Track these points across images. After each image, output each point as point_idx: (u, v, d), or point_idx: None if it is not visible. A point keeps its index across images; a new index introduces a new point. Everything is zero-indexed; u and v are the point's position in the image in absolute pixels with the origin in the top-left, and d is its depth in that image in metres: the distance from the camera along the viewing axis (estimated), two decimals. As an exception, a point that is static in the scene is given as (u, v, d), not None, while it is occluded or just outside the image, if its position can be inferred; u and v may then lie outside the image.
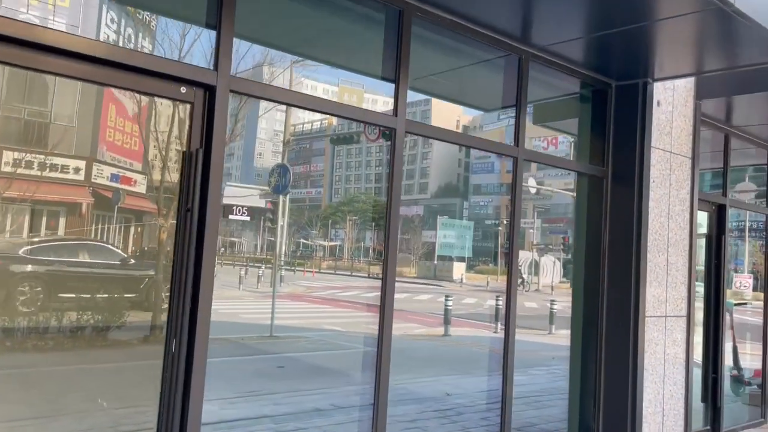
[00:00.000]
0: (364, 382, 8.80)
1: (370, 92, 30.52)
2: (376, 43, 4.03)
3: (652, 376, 5.28)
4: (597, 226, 5.37)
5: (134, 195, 24.39)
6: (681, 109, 5.69)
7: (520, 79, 4.69)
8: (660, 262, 5.40)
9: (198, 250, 3.04)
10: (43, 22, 3.60)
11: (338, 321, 15.41)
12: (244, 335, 13.11)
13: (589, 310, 5.37)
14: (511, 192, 4.71)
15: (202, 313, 3.04)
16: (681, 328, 5.60)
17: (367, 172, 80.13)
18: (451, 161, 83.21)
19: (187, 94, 3.05)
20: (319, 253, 51.78)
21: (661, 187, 5.44)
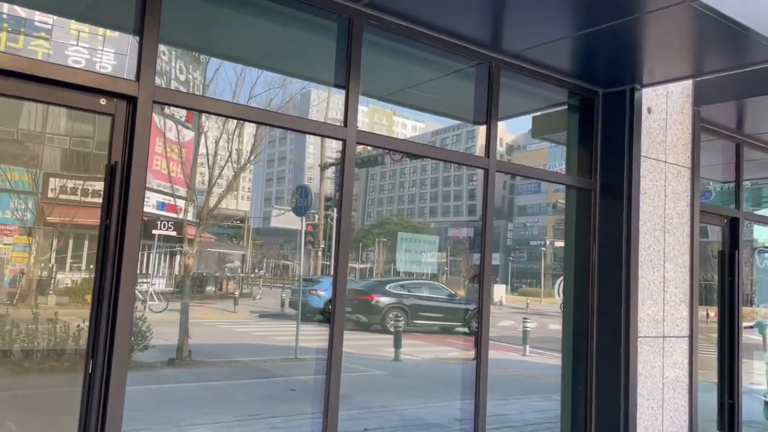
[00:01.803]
0: (361, 406, 8.60)
1: (399, 116, 30.54)
2: (329, 51, 3.93)
3: (649, 402, 4.91)
4: (586, 242, 5.09)
5: (174, 220, 25.02)
6: (676, 117, 5.37)
7: (491, 89, 4.50)
8: (655, 278, 5.06)
9: (117, 266, 2.95)
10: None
11: (353, 344, 15.20)
12: (268, 357, 13.09)
13: (578, 330, 5.06)
14: (483, 205, 4.49)
15: (121, 331, 2.93)
16: (682, 350, 5.22)
17: (400, 193, 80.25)
18: (497, 183, 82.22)
19: (107, 106, 2.99)
20: (351, 275, 51.87)
21: (655, 198, 5.12)
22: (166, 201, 24.88)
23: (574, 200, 5.25)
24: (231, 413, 7.59)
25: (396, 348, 13.89)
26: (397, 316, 15.78)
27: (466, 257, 49.95)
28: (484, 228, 4.48)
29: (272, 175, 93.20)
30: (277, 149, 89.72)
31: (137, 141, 3.00)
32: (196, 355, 11.74)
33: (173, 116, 21.63)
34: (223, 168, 11.18)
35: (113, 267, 2.93)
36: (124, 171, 2.99)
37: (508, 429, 7.53)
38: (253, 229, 54.21)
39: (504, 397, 10.11)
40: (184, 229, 11.19)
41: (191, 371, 10.68)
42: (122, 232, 2.96)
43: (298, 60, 3.94)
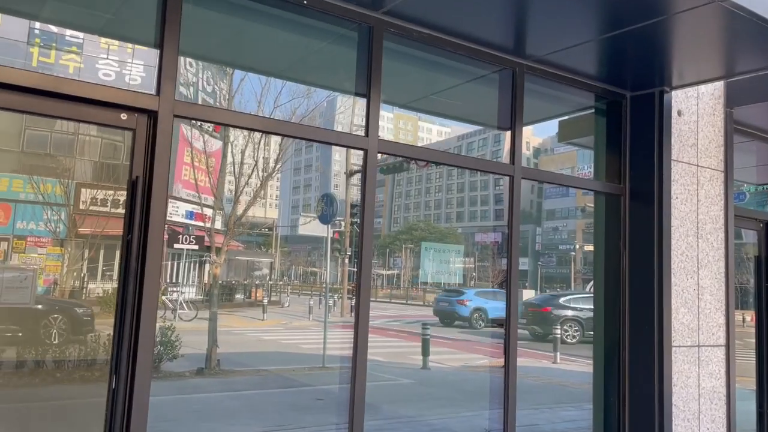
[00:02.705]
0: (389, 416, 8.52)
1: (425, 121, 30.48)
2: (350, 61, 3.90)
3: (684, 413, 4.75)
4: (616, 248, 4.96)
5: (202, 230, 25.25)
6: (708, 119, 5.22)
7: (515, 94, 4.42)
8: (689, 286, 4.91)
9: (139, 281, 2.95)
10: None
11: (382, 351, 15.15)
12: (296, 366, 13.10)
13: (610, 339, 4.93)
14: (508, 212, 4.41)
15: (143, 347, 2.93)
16: (719, 359, 5.04)
17: (426, 199, 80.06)
18: (524, 188, 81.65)
19: (128, 121, 3.00)
20: (378, 281, 51.92)
21: (687, 203, 4.98)
22: (195, 210, 25.11)
23: (603, 206, 5.13)
24: (259, 423, 7.59)
25: (424, 356, 13.79)
26: (573, 327, 18.41)
27: (493, 262, 49.59)
28: (510, 235, 4.40)
29: (299, 183, 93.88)
30: (304, 157, 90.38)
31: (158, 155, 3.01)
32: (225, 364, 11.80)
33: (201, 126, 21.89)
34: (249, 177, 11.24)
35: (135, 281, 2.93)
36: (146, 185, 2.99)
37: (540, 439, 7.40)
38: (281, 236, 54.61)
39: (535, 406, 9.94)
40: (211, 237, 11.26)
41: (220, 381, 10.74)
42: (144, 246, 2.95)
43: (319, 70, 3.92)
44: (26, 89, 2.75)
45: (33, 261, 13.20)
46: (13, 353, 9.14)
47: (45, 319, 10.52)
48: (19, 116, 13.42)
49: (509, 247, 4.40)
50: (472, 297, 22.78)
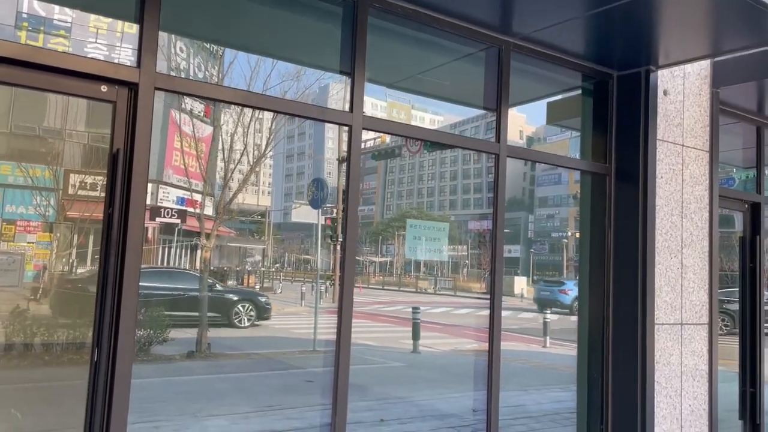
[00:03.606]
0: (379, 398, 8.58)
1: (418, 109, 30.42)
2: (334, 37, 3.88)
3: (666, 390, 4.81)
4: (601, 228, 4.98)
5: (194, 216, 25.15)
6: (694, 99, 5.23)
7: (501, 73, 4.42)
8: (673, 265, 4.95)
9: (121, 254, 2.94)
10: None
11: (373, 336, 15.23)
12: (287, 350, 13.16)
13: (594, 318, 4.97)
14: (494, 192, 4.42)
15: (125, 320, 2.93)
16: (701, 337, 5.10)
17: (419, 186, 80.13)
18: (516, 175, 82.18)
19: (108, 93, 2.98)
20: (370, 268, 52.07)
21: (672, 183, 5.00)
22: (186, 196, 25.02)
23: (589, 186, 5.15)
24: (248, 405, 7.63)
25: (414, 340, 13.86)
26: (723, 320, 18.21)
27: (486, 250, 49.80)
28: (495, 216, 4.41)
29: (292, 170, 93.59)
30: (296, 144, 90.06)
31: (139, 128, 2.99)
32: (216, 348, 11.82)
33: (191, 111, 21.80)
34: (238, 162, 11.20)
35: (117, 256, 2.92)
36: (127, 159, 2.98)
37: (525, 419, 7.47)
38: (273, 223, 54.56)
39: (523, 387, 10.03)
40: (201, 222, 11.23)
41: (210, 363, 10.76)
42: (125, 221, 2.95)
43: (304, 47, 3.89)
44: (3, 59, 2.72)
45: (22, 248, 13.14)
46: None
47: (236, 306, 13.46)
48: (7, 100, 13.29)
49: (494, 228, 4.42)
50: (572, 287, 24.66)
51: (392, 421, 7.09)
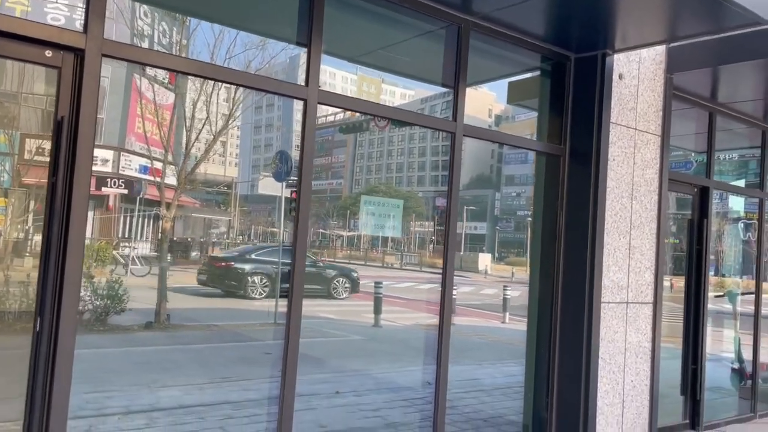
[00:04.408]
0: (336, 370, 8.68)
1: (388, 83, 30.21)
2: (291, 8, 3.83)
3: (610, 366, 4.98)
4: (553, 207, 5.09)
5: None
6: (648, 83, 5.33)
7: (460, 51, 4.43)
8: (621, 245, 5.09)
9: (65, 223, 2.90)
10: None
11: (334, 309, 15.34)
12: (248, 322, 13.16)
13: (544, 296, 5.10)
14: (449, 170, 4.47)
15: (69, 290, 2.90)
16: (646, 316, 5.28)
17: (388, 161, 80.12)
18: (485, 153, 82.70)
19: (53, 59, 2.91)
20: (337, 242, 52.17)
21: (624, 165, 5.12)
22: (148, 164, 24.57)
23: (544, 166, 5.24)
24: (204, 376, 7.64)
25: (376, 314, 13.99)
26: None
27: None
28: (449, 193, 4.46)
29: (260, 142, 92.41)
30: (265, 116, 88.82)
31: (85, 95, 2.93)
32: (175, 319, 11.75)
33: (155, 78, 21.32)
34: (200, 131, 11.03)
35: (60, 224, 2.89)
36: (72, 126, 2.92)
37: (477, 392, 7.65)
38: (240, 195, 53.99)
39: (479, 362, 10.26)
40: (161, 191, 11.07)
41: (168, 334, 10.70)
42: (70, 188, 2.90)
43: (261, 16, 3.84)
44: (-59, 20, 2.63)
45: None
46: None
47: (334, 280, 16.33)
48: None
49: (448, 205, 4.47)
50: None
51: (347, 393, 7.19)
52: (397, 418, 6.09)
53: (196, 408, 6.15)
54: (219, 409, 6.12)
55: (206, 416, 5.82)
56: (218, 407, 6.19)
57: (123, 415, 5.75)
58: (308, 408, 6.32)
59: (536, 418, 5.05)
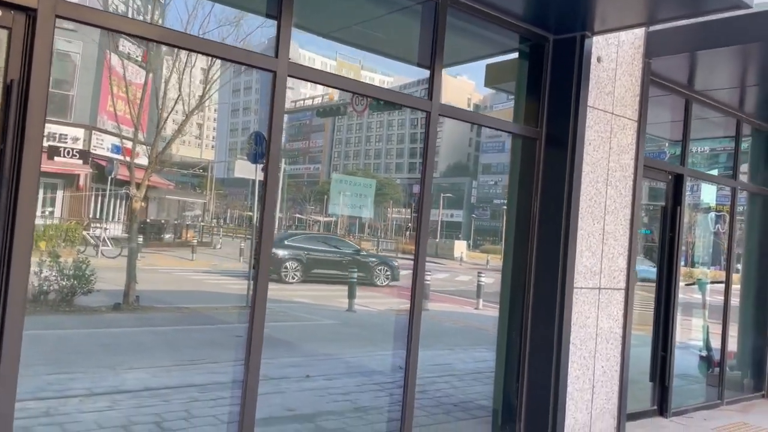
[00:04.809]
0: (307, 354, 8.59)
1: (368, 69, 29.98)
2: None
3: (581, 352, 4.95)
4: (528, 191, 5.02)
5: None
6: (626, 68, 5.28)
7: (436, 28, 4.31)
8: (595, 231, 5.05)
9: (14, 194, 2.74)
10: None
11: (309, 294, 15.24)
12: (220, 305, 12.98)
13: (516, 280, 5.04)
14: (423, 151, 4.36)
15: (17, 267, 2.74)
16: (618, 302, 5.26)
17: (366, 147, 79.85)
18: (462, 140, 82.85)
19: (2, 18, 2.73)
20: (315, 227, 52.03)
21: (599, 150, 5.06)
22: (121, 144, 24.07)
23: (520, 150, 5.17)
24: (172, 358, 7.48)
25: (350, 298, 13.91)
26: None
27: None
28: (423, 175, 4.36)
29: (237, 125, 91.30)
30: (242, 99, 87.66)
31: (37, 58, 2.76)
32: (145, 301, 11.52)
33: (128, 55, 20.84)
34: (171, 109, 10.76)
35: (8, 197, 2.72)
36: (22, 91, 2.75)
37: (449, 376, 7.63)
38: (216, 178, 53.38)
39: (451, 347, 10.25)
40: (131, 171, 10.80)
41: (137, 316, 10.49)
42: (19, 158, 2.73)
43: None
44: None
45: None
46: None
47: (376, 268, 18.02)
48: None
49: (422, 188, 4.37)
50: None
51: (318, 377, 7.11)
52: (367, 402, 6.02)
53: (161, 391, 6.01)
54: (185, 392, 5.99)
55: (171, 399, 5.69)
56: (184, 390, 6.05)
57: (85, 398, 5.59)
58: (277, 391, 6.23)
59: (506, 403, 5.02)
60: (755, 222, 7.80)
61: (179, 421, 4.96)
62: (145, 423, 4.84)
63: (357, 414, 5.66)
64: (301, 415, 5.44)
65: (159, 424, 4.82)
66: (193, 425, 4.89)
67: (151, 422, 4.85)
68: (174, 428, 4.78)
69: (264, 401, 5.82)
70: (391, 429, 4.45)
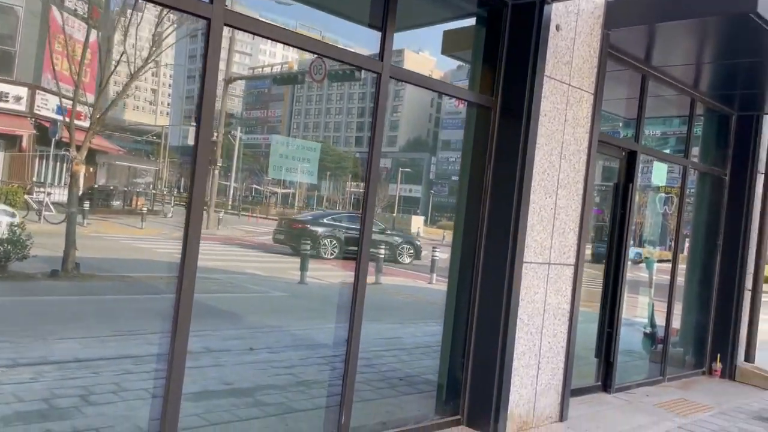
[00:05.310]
0: (253, 327, 8.36)
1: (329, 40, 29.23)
2: None
3: (528, 327, 4.86)
4: (481, 162, 4.85)
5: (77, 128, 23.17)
6: (585, 38, 5.13)
7: (389, -17, 4.05)
8: (547, 205, 4.93)
9: None
10: None
11: (261, 265, 14.96)
12: (163, 274, 12.57)
13: (466, 253, 4.90)
14: (373, 114, 4.13)
15: None
16: (567, 278, 5.18)
17: (326, 120, 79.05)
18: (422, 116, 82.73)
19: None
20: (272, 199, 51.41)
21: (555, 122, 4.92)
22: (67, 105, 23.08)
23: (474, 119, 4.99)
24: (108, 328, 7.14)
25: (302, 271, 13.68)
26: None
27: (382, 187, 50.28)
28: (372, 140, 4.14)
29: (193, 92, 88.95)
30: (197, 65, 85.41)
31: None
32: (86, 269, 11.03)
33: (75, 12, 19.90)
34: (114, 70, 10.19)
35: None
36: None
37: (398, 350, 7.55)
38: (171, 146, 51.99)
39: (401, 321, 10.17)
40: (71, 131, 10.22)
41: (75, 284, 10.03)
42: None
43: None
44: None
45: None
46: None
47: (399, 247, 18.63)
48: None
49: (370, 155, 4.15)
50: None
51: (262, 350, 6.90)
52: (310, 375, 5.86)
53: (93, 362, 5.70)
54: (118, 363, 5.70)
55: (102, 371, 5.39)
56: (117, 361, 5.76)
57: (8, 368, 5.25)
58: (216, 365, 6.00)
59: (451, 378, 4.91)
60: (704, 202, 7.87)
61: (107, 394, 4.68)
62: (69, 396, 4.55)
63: (299, 388, 5.48)
64: (239, 389, 5.24)
65: (84, 398, 4.54)
66: (121, 398, 4.62)
67: (75, 395, 4.56)
68: (100, 402, 4.51)
69: (201, 374, 5.61)
70: (330, 404, 4.29)
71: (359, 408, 4.81)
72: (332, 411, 4.19)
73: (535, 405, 4.99)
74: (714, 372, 7.59)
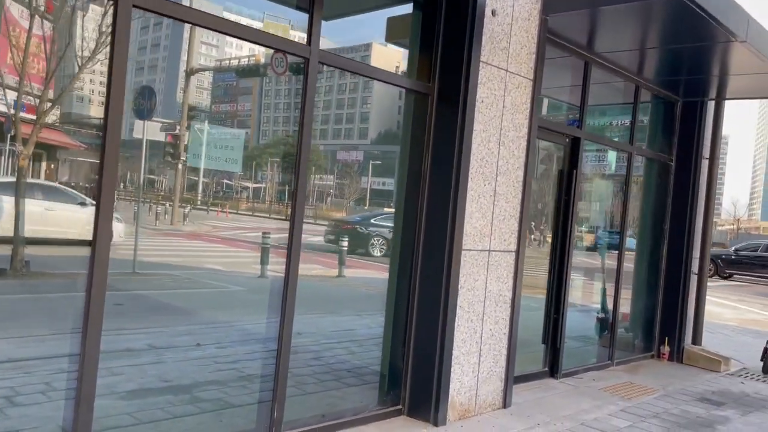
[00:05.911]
0: (203, 322, 8.21)
1: (298, 29, 28.96)
2: None
3: (469, 314, 4.84)
4: (419, 150, 4.80)
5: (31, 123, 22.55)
6: (523, 23, 5.10)
7: (316, -34, 3.95)
8: (486, 192, 4.90)
9: None
10: None
11: (223, 261, 14.75)
12: (113, 270, 12.24)
13: (406, 242, 4.84)
14: (301, 103, 4.04)
15: None
16: (508, 264, 5.16)
17: (295, 114, 78.43)
18: (392, 108, 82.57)
19: None
20: (243, 194, 50.93)
21: (492, 108, 4.89)
22: (25, 101, 22.38)
23: (412, 106, 4.92)
24: (49, 327, 6.92)
25: (262, 264, 13.51)
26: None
27: (352, 180, 50.02)
28: (301, 130, 4.06)
29: (142, 84, 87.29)
30: (148, 56, 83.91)
31: None
32: (35, 266, 10.71)
33: (29, 3, 19.31)
34: (60, 61, 9.84)
35: None
36: None
37: (349, 342, 7.48)
38: (124, 140, 50.99)
39: (358, 313, 10.10)
40: (17, 125, 9.87)
41: (23, 283, 9.69)
42: None
43: None
44: None
45: None
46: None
47: (371, 239, 16.49)
48: None
49: (299, 145, 4.07)
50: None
51: (209, 345, 6.75)
52: (253, 370, 5.74)
53: (26, 362, 5.50)
54: (53, 363, 5.51)
55: (35, 371, 5.21)
56: (53, 361, 5.57)
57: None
58: (157, 362, 5.85)
59: (393, 368, 4.86)
60: (651, 188, 7.96)
61: (35, 395, 4.52)
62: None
63: (240, 383, 5.37)
64: (177, 386, 5.11)
65: (10, 399, 4.37)
66: (49, 399, 4.46)
67: (1, 396, 4.39)
68: (26, 402, 4.35)
69: (139, 372, 5.46)
70: (265, 399, 4.20)
71: (298, 401, 4.74)
72: (267, 406, 4.11)
73: (477, 392, 4.97)
74: (662, 355, 7.70)
